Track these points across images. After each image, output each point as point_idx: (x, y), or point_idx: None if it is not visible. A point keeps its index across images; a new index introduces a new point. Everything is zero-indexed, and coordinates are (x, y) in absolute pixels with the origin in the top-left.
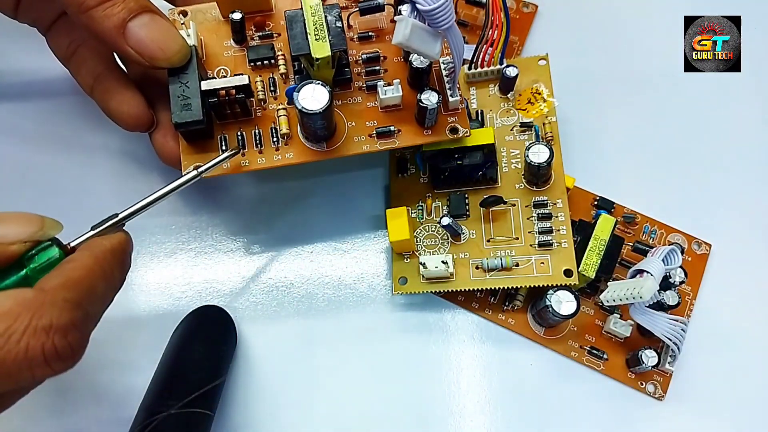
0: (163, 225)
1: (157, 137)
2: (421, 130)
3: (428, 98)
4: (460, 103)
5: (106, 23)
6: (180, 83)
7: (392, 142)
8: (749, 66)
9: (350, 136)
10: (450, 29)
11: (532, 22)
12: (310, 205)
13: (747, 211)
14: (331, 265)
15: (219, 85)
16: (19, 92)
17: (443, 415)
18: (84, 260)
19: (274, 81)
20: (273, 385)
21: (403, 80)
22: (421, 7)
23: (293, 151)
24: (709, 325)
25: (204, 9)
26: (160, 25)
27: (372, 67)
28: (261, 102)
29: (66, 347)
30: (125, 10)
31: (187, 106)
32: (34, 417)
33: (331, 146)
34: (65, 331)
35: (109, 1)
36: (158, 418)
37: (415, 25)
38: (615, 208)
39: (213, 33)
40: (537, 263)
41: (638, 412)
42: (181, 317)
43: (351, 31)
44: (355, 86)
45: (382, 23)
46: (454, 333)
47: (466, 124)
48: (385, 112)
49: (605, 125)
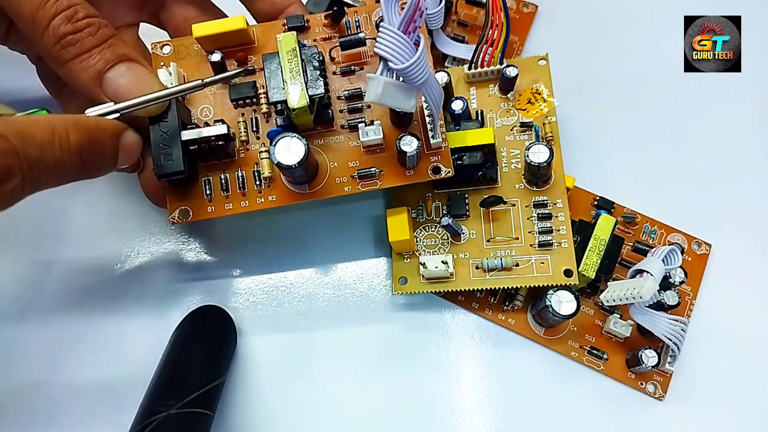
0: (163, 225)
1: (144, 179)
2: (404, 171)
3: (408, 144)
4: (442, 143)
5: (83, 75)
6: (161, 131)
7: (374, 183)
8: (749, 66)
9: (332, 177)
10: (425, 83)
11: (532, 22)
12: (311, 205)
13: (747, 211)
14: (331, 265)
15: (199, 134)
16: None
17: (443, 415)
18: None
19: (256, 120)
20: (273, 385)
21: (386, 118)
22: (394, 66)
23: (276, 193)
24: (709, 325)
25: (187, 43)
26: (138, 73)
27: (354, 104)
28: (244, 143)
29: None
30: (102, 62)
31: (168, 155)
32: (34, 417)
33: (313, 188)
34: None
35: (85, 53)
36: (158, 418)
37: (388, 83)
38: (615, 208)
39: (196, 69)
40: (537, 263)
41: (638, 412)
42: (181, 317)
43: (334, 65)
44: (338, 125)
45: (365, 56)
46: (454, 333)
47: (449, 164)
48: (368, 153)
49: (605, 125)
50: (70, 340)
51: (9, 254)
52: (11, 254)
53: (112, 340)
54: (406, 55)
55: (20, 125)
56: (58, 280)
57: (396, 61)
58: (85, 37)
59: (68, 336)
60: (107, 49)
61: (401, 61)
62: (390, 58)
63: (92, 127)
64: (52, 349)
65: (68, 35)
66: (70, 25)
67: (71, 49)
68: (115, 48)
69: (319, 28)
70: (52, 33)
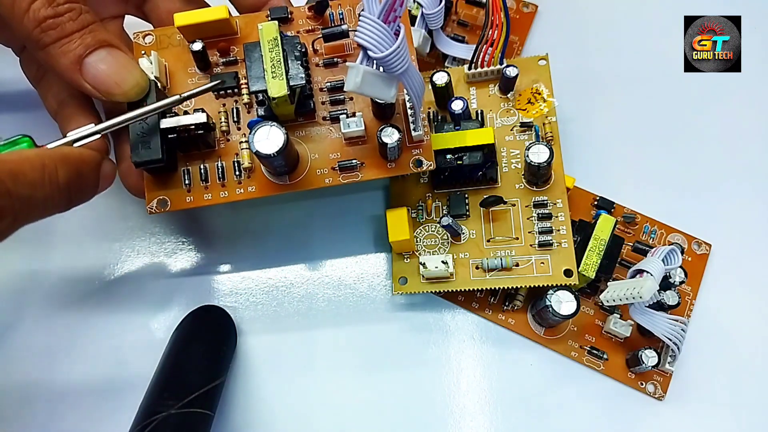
0: (163, 225)
1: (122, 169)
2: (385, 164)
3: (388, 136)
4: (424, 136)
5: (62, 60)
6: (140, 119)
7: (355, 175)
8: (749, 66)
9: (313, 168)
10: (405, 73)
11: (532, 22)
12: (310, 205)
13: (747, 211)
14: (331, 265)
15: (178, 123)
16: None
17: (443, 415)
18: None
19: (238, 111)
20: (273, 385)
21: (369, 110)
22: (373, 55)
23: (256, 184)
24: (709, 325)
25: (169, 33)
26: (117, 58)
27: (336, 96)
28: (224, 133)
29: None
30: (81, 46)
31: (146, 144)
32: (35, 417)
33: (293, 179)
34: None
35: (65, 38)
36: (158, 418)
37: (367, 72)
38: (615, 208)
39: (178, 59)
40: (537, 263)
41: (638, 412)
42: (181, 317)
43: (317, 56)
44: (319, 116)
45: (349, 48)
46: (454, 333)
47: (431, 157)
48: (349, 144)
49: (605, 125)
50: (69, 339)
51: (8, 254)
52: (11, 254)
53: (112, 339)
54: (385, 44)
55: (13, 165)
56: (58, 280)
57: (375, 49)
58: (66, 22)
59: (68, 336)
60: (88, 35)
61: (380, 49)
62: (369, 46)
63: (78, 161)
64: (52, 349)
65: (49, 19)
66: (51, 9)
67: (51, 33)
68: (96, 34)
69: (303, 19)
70: (33, 16)
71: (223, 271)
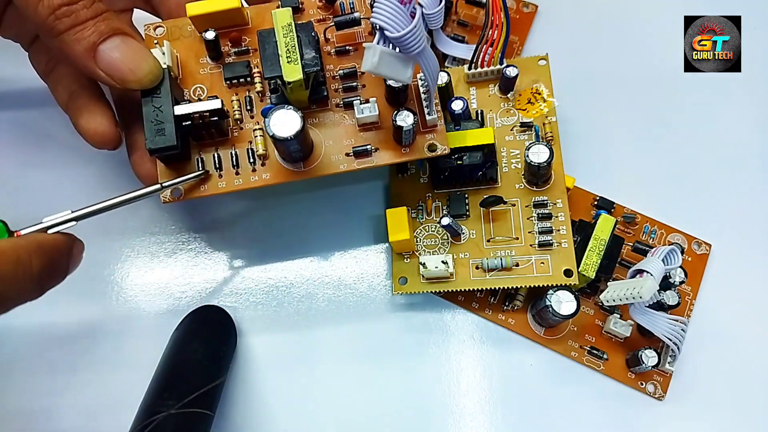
0: (163, 225)
1: (135, 158)
2: (399, 149)
3: (403, 119)
4: (438, 120)
5: (76, 47)
6: (153, 107)
7: (370, 161)
8: (749, 66)
9: (327, 155)
10: (421, 53)
11: (532, 22)
12: (310, 205)
13: (747, 211)
14: (331, 265)
15: (192, 109)
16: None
17: (443, 415)
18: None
19: (250, 99)
20: (273, 385)
21: (381, 96)
22: (390, 35)
23: (270, 171)
24: (709, 325)
25: (180, 24)
26: (131, 46)
27: (349, 83)
28: (237, 122)
29: None
30: (96, 33)
31: (161, 131)
32: (35, 417)
33: (308, 166)
34: None
35: (79, 25)
36: (158, 418)
37: (384, 52)
38: (615, 208)
39: (189, 49)
40: (537, 263)
41: (638, 412)
42: (181, 317)
43: (328, 45)
44: (333, 103)
45: (360, 36)
46: (454, 333)
47: (445, 142)
48: (363, 130)
49: (605, 125)
50: (69, 339)
51: None
52: None
53: (112, 340)
54: (402, 23)
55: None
56: None
57: (392, 29)
58: (80, 9)
59: (67, 336)
60: (102, 22)
61: (397, 29)
62: (386, 26)
63: (52, 250)
64: (52, 349)
65: (63, 6)
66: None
67: (66, 20)
68: (109, 21)
69: (314, 9)
70: (47, 4)
71: (223, 271)
